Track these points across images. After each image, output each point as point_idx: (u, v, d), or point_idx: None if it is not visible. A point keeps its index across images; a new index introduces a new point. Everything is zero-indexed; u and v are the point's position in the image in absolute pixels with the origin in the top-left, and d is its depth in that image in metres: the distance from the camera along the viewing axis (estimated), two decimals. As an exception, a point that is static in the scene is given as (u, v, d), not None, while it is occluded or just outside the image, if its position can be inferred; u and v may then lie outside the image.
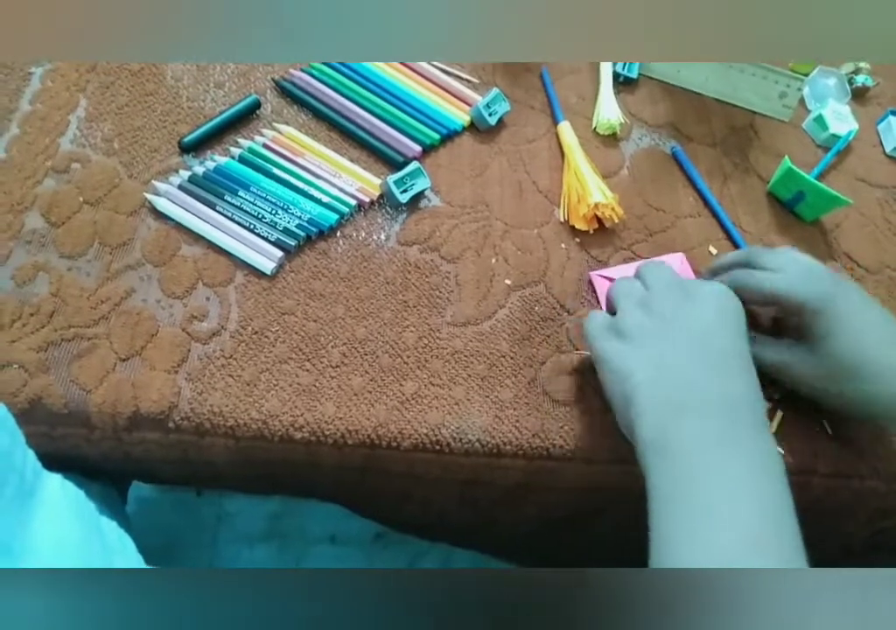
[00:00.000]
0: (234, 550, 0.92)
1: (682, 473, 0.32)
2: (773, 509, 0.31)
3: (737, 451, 0.32)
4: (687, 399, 0.34)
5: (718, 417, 0.33)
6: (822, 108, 0.61)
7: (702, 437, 0.33)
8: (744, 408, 0.34)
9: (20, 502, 0.28)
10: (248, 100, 0.50)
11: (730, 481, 0.31)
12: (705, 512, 0.30)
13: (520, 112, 0.56)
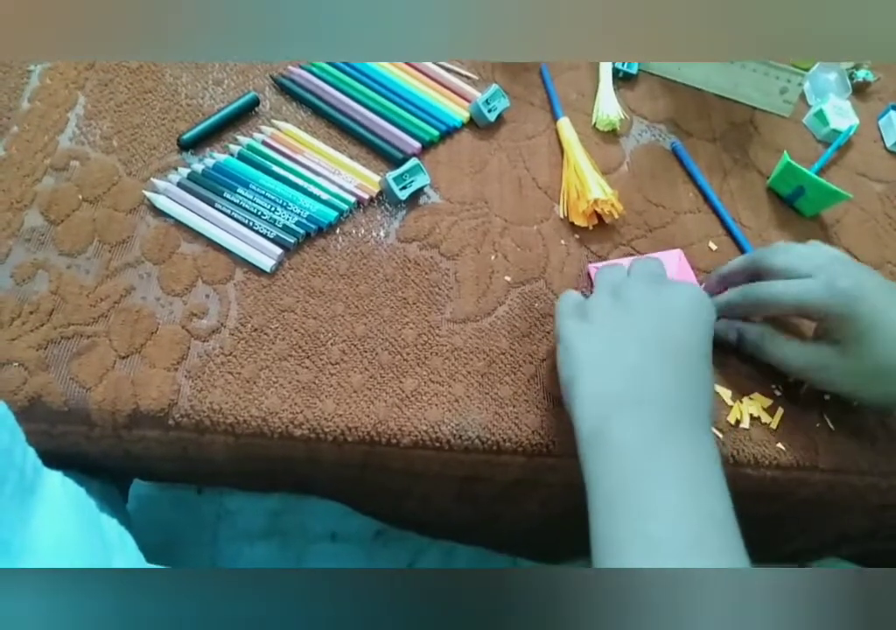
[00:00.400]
0: (234, 548, 0.92)
1: (619, 469, 0.32)
2: (714, 507, 0.31)
3: (677, 448, 0.32)
4: (630, 390, 0.33)
5: (660, 413, 0.33)
6: (823, 104, 0.60)
7: (640, 432, 0.32)
8: (688, 406, 0.33)
9: (20, 500, 0.28)
10: (247, 97, 0.50)
11: (669, 480, 0.31)
12: (645, 511, 0.30)
13: (519, 108, 0.56)
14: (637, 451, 0.32)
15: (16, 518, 0.27)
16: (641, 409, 0.33)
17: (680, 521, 0.30)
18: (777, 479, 0.42)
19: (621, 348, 0.35)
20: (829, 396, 0.45)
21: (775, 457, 0.42)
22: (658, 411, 0.33)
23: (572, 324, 0.37)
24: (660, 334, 0.35)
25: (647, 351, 0.34)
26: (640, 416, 0.33)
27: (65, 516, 0.31)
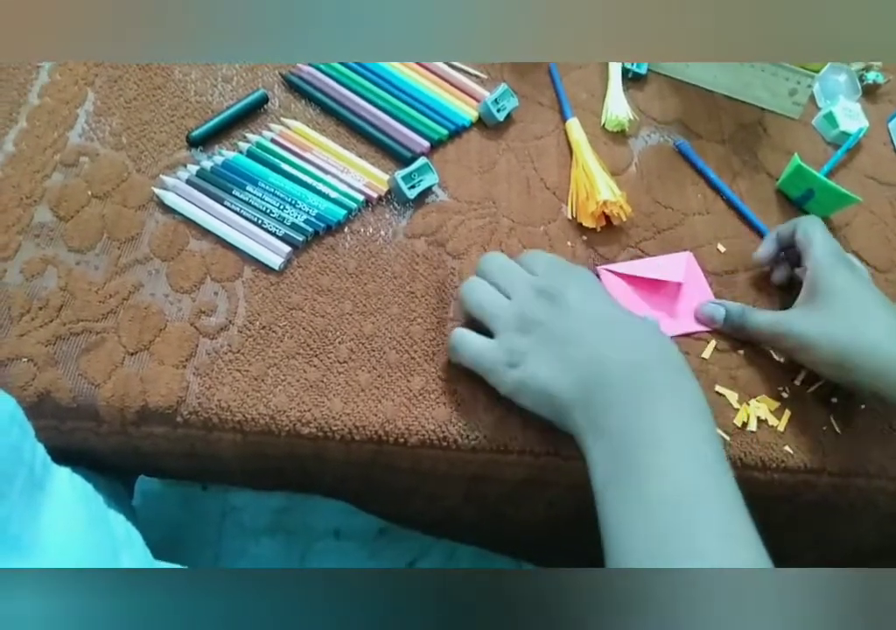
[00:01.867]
0: (239, 545, 0.92)
1: (613, 450, 0.33)
2: (705, 458, 0.32)
3: (655, 409, 0.34)
4: (596, 382, 0.35)
5: (627, 383, 0.35)
6: (833, 106, 0.60)
7: (620, 409, 0.34)
8: (648, 363, 0.35)
9: (30, 496, 0.28)
10: (256, 94, 0.50)
11: (657, 443, 0.32)
12: (640, 478, 0.32)
13: (528, 108, 0.56)
14: (622, 427, 0.34)
15: (25, 514, 0.27)
16: (610, 389, 0.35)
17: (673, 478, 0.31)
18: (784, 482, 0.42)
19: (567, 356, 0.36)
20: (836, 399, 0.45)
21: (782, 459, 0.42)
22: (625, 381, 0.35)
23: (515, 372, 0.37)
24: (579, 321, 0.37)
25: (583, 341, 0.36)
26: (613, 396, 0.35)
27: (73, 512, 0.31)
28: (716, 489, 0.31)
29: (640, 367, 0.35)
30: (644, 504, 0.31)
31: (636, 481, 0.32)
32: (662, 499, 0.31)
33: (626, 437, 0.33)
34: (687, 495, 0.30)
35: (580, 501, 0.45)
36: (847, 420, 0.44)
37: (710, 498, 0.31)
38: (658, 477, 0.31)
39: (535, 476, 0.42)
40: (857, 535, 0.47)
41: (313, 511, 0.95)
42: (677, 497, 0.30)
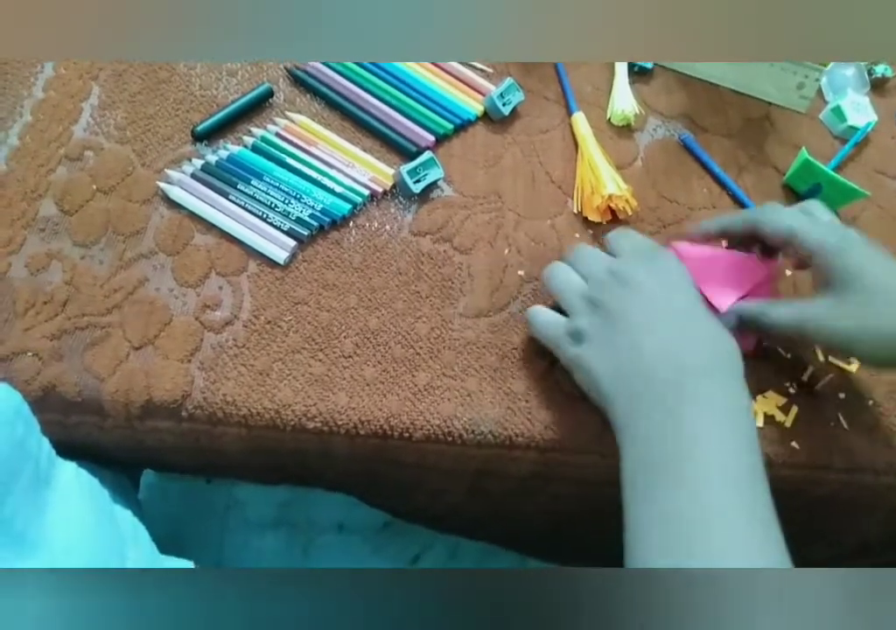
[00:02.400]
0: (243, 538, 0.93)
1: (643, 455, 0.33)
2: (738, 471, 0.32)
3: (693, 419, 0.32)
4: (639, 379, 0.34)
5: (668, 388, 0.33)
6: (841, 99, 0.60)
7: (654, 415, 0.33)
8: (696, 368, 0.34)
9: (35, 490, 0.28)
10: (261, 88, 0.50)
11: (689, 455, 0.31)
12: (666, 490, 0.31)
13: (534, 102, 0.55)
14: (654, 434, 0.33)
15: (31, 508, 0.27)
16: (650, 391, 0.34)
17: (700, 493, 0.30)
18: (791, 478, 0.42)
19: (622, 346, 0.35)
20: (844, 395, 0.44)
21: (789, 455, 0.42)
22: (665, 386, 0.34)
23: (575, 350, 0.37)
24: (649, 313, 0.36)
25: (639, 335, 0.35)
26: (650, 399, 0.34)
27: (79, 506, 0.31)
28: (740, 507, 0.30)
29: (688, 371, 0.34)
30: (663, 518, 0.30)
31: (660, 494, 0.31)
32: (681, 515, 0.30)
33: (656, 443, 0.32)
34: (708, 513, 0.30)
35: (585, 496, 0.45)
36: (855, 416, 0.44)
37: (735, 516, 0.30)
38: (682, 491, 0.30)
39: (540, 471, 0.42)
40: (864, 531, 0.47)
41: (317, 505, 0.95)
42: (698, 514, 0.30)
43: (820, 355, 0.46)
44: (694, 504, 0.30)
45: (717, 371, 0.34)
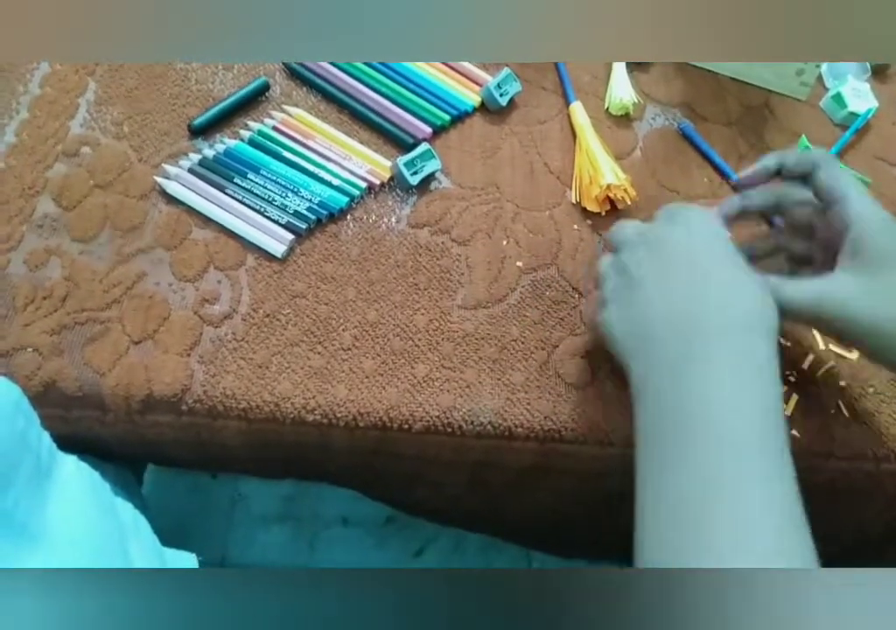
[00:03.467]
0: (247, 532, 0.93)
1: (652, 417, 0.32)
2: (760, 413, 0.30)
3: (703, 380, 0.31)
4: (646, 341, 0.34)
5: (674, 350, 0.32)
6: (841, 86, 0.59)
7: (662, 377, 0.32)
8: (710, 330, 0.32)
9: (36, 483, 0.28)
10: (257, 82, 0.50)
11: (698, 418, 0.30)
12: (676, 454, 0.30)
13: (531, 92, 0.55)
14: (662, 396, 0.32)
15: (32, 502, 0.27)
16: (655, 354, 0.33)
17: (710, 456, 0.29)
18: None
19: (635, 309, 0.35)
20: (845, 383, 0.44)
21: (790, 443, 0.41)
22: (671, 348, 0.33)
23: (600, 318, 0.37)
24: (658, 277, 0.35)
25: (649, 299, 0.35)
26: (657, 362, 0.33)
27: (80, 500, 0.31)
28: (751, 479, 0.29)
29: (699, 331, 0.32)
30: (671, 491, 0.29)
31: (668, 462, 0.30)
32: (687, 489, 0.29)
33: (663, 407, 0.31)
34: (714, 487, 0.28)
35: (585, 487, 0.45)
36: (856, 404, 0.44)
37: (746, 489, 0.28)
38: (688, 462, 0.29)
39: (539, 462, 0.42)
40: (865, 519, 0.47)
41: (321, 499, 0.96)
42: (704, 487, 0.29)
43: (820, 343, 0.46)
44: (699, 476, 0.29)
45: (734, 329, 0.32)
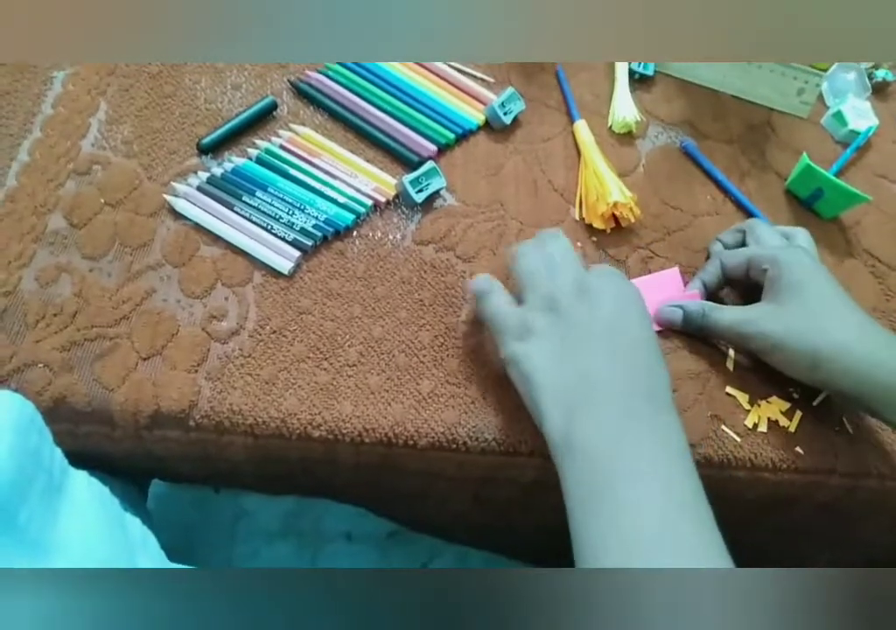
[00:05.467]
0: (251, 548, 0.93)
1: (588, 472, 0.32)
2: (683, 492, 0.32)
3: (639, 439, 0.33)
4: (583, 394, 0.34)
5: (616, 407, 0.34)
6: (842, 104, 0.60)
7: (600, 432, 0.33)
8: (643, 392, 0.34)
9: (49, 498, 0.28)
10: (265, 101, 0.51)
11: (633, 475, 0.32)
12: (615, 508, 0.31)
13: (535, 111, 0.56)
14: (600, 451, 0.33)
15: (45, 517, 0.28)
16: (597, 409, 0.34)
17: (649, 511, 0.30)
18: (795, 483, 0.42)
19: (569, 357, 0.35)
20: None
21: (793, 460, 0.42)
22: (614, 406, 0.34)
23: (517, 346, 0.37)
24: (600, 332, 0.36)
25: (592, 352, 0.35)
26: (597, 417, 0.34)
27: (90, 515, 0.31)
28: (692, 528, 0.30)
29: (636, 395, 0.34)
30: (619, 537, 0.30)
31: (611, 511, 0.31)
32: (638, 535, 0.30)
33: (603, 462, 0.32)
34: (662, 534, 0.30)
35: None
36: (859, 421, 0.44)
37: (687, 537, 0.30)
38: (634, 511, 0.31)
39: (544, 479, 0.42)
40: (869, 535, 0.47)
41: (325, 514, 0.96)
42: (652, 534, 0.30)
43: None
44: (643, 523, 0.30)
45: (659, 398, 0.35)
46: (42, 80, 0.49)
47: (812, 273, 0.42)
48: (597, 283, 0.38)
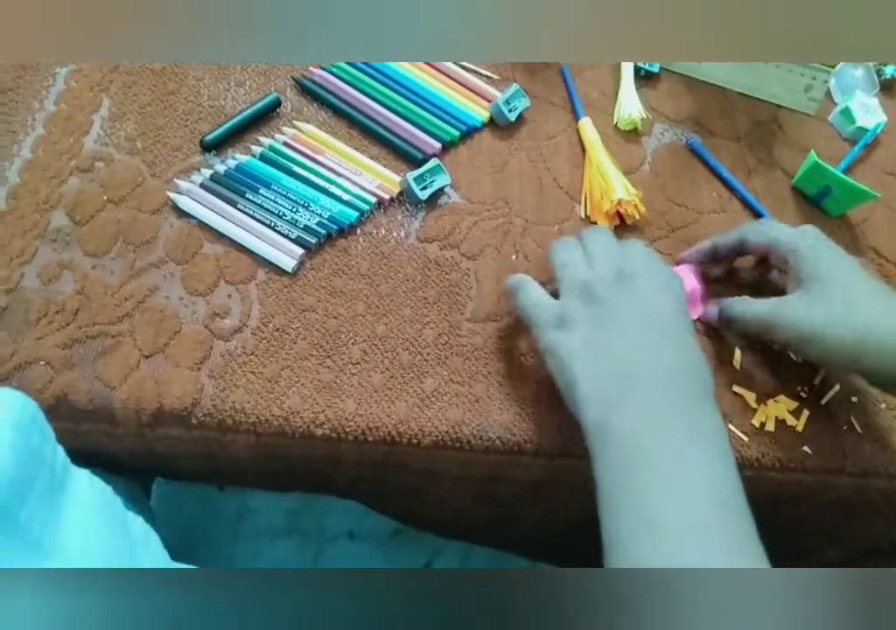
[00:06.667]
0: (254, 545, 0.93)
1: (624, 457, 0.32)
2: (720, 487, 0.31)
3: (678, 425, 0.32)
4: (623, 380, 0.34)
5: (659, 391, 0.33)
6: (850, 101, 0.60)
7: (641, 420, 0.33)
8: (685, 378, 0.34)
9: (51, 497, 0.28)
10: (269, 98, 0.50)
11: (672, 465, 0.31)
12: (648, 496, 0.31)
13: (540, 108, 0.56)
14: (640, 440, 0.32)
15: (47, 515, 0.27)
16: (637, 398, 0.33)
17: (682, 501, 0.30)
18: (803, 482, 0.41)
19: (606, 345, 0.35)
20: (856, 399, 0.44)
21: (801, 460, 0.41)
22: (658, 390, 0.34)
23: (555, 335, 0.37)
24: (639, 319, 0.36)
25: (632, 340, 0.35)
26: (637, 406, 0.33)
27: (92, 514, 0.31)
28: (725, 525, 0.30)
29: (677, 383, 0.34)
30: (650, 525, 0.30)
31: (644, 499, 0.31)
32: (669, 526, 0.29)
33: (640, 448, 0.32)
34: (695, 528, 0.29)
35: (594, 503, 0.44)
36: (868, 420, 0.43)
37: (720, 535, 0.29)
38: (669, 501, 0.30)
39: (548, 477, 0.42)
40: (877, 535, 0.46)
41: (327, 512, 0.95)
42: (683, 526, 0.29)
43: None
44: (675, 514, 0.30)
45: (699, 390, 0.35)
46: (45, 77, 0.49)
47: (836, 259, 0.40)
48: (635, 270, 0.37)
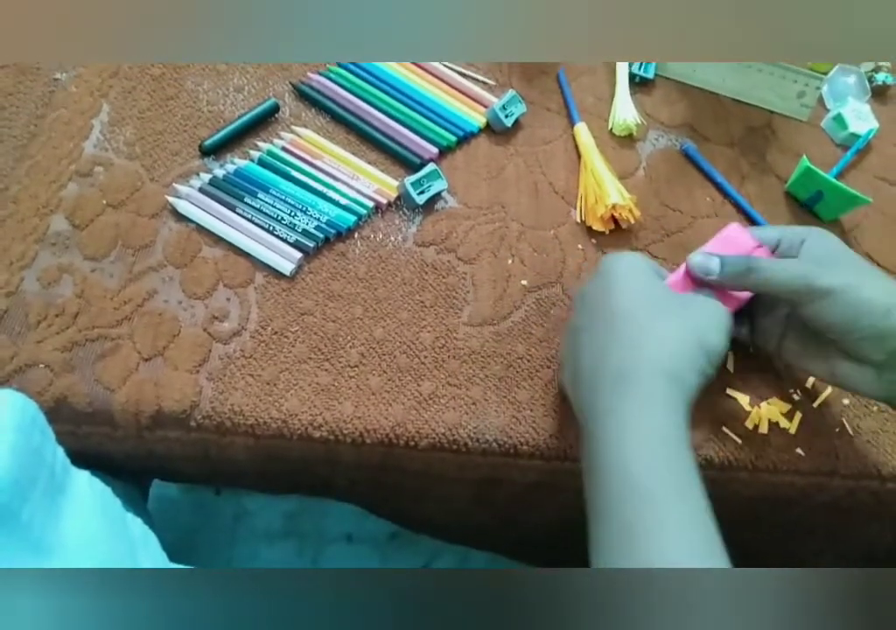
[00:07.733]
0: (251, 549, 0.93)
1: (585, 452, 0.34)
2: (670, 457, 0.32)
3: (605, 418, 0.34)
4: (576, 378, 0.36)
5: (585, 388, 0.35)
6: (842, 107, 0.60)
7: (582, 413, 0.35)
8: (608, 371, 0.35)
9: (51, 497, 0.28)
10: (267, 103, 0.51)
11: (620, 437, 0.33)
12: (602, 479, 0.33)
13: (536, 113, 0.56)
14: (586, 430, 0.34)
15: (47, 516, 0.28)
16: (577, 390, 0.36)
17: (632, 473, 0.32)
18: (796, 484, 0.42)
19: (585, 343, 0.37)
20: (848, 401, 0.44)
21: (794, 462, 0.42)
22: (585, 386, 0.36)
23: (565, 348, 0.41)
24: (590, 314, 0.38)
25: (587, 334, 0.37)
26: (579, 398, 0.36)
27: (93, 514, 0.31)
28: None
29: (601, 373, 0.35)
30: (606, 500, 0.32)
31: (598, 479, 0.33)
32: (621, 496, 0.32)
33: (589, 440, 0.34)
34: (643, 493, 0.31)
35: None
36: (860, 422, 0.44)
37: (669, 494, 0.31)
38: (616, 474, 0.32)
39: (545, 480, 0.42)
40: (870, 537, 0.47)
41: (325, 515, 0.96)
42: (633, 495, 0.31)
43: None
44: (624, 484, 0.32)
45: (630, 372, 0.34)
46: (45, 82, 0.49)
47: (847, 249, 0.39)
48: (601, 267, 0.39)
